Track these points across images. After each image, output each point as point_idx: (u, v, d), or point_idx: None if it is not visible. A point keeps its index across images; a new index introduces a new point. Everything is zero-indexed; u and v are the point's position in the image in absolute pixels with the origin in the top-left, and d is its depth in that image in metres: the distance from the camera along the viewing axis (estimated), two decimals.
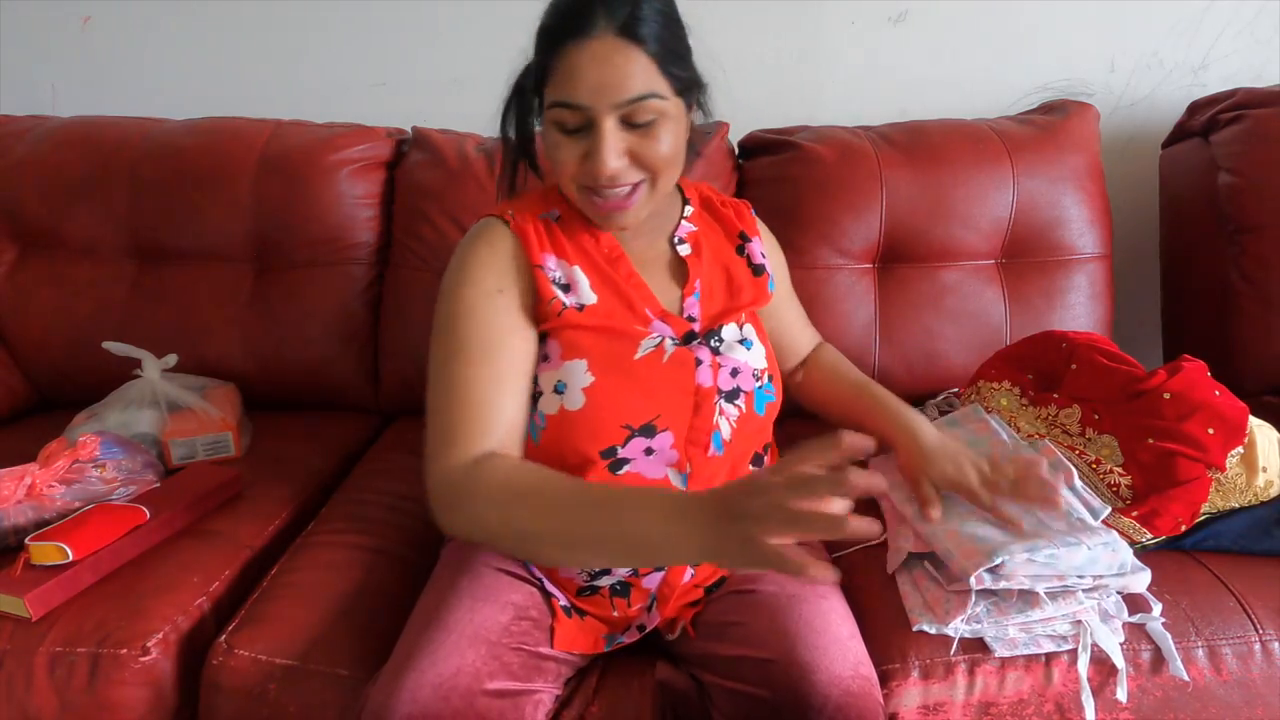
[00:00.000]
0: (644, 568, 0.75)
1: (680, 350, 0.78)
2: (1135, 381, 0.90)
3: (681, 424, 0.76)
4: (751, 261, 0.87)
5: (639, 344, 0.77)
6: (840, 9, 1.40)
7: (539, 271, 0.76)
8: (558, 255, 0.79)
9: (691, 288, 0.82)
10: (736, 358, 0.80)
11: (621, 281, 0.79)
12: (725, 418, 0.78)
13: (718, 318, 0.82)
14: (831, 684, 0.63)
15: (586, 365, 0.74)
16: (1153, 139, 1.38)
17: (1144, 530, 0.83)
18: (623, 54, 0.67)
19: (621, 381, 0.74)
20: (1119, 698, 0.73)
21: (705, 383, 0.77)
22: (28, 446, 0.97)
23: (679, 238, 0.84)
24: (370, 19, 1.42)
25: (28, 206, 1.23)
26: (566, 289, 0.78)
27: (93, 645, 0.77)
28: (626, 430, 0.74)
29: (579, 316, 0.76)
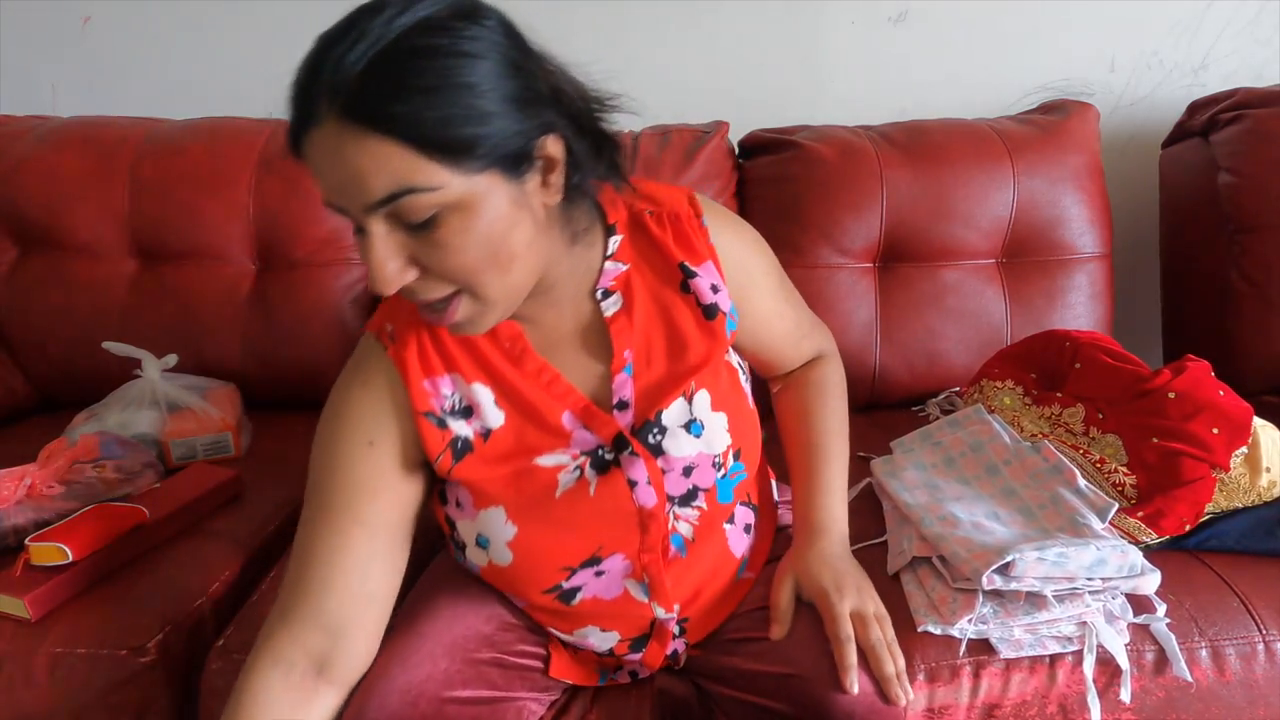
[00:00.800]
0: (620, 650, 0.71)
1: (605, 480, 0.65)
2: (1140, 381, 0.90)
3: (630, 544, 0.66)
4: (700, 301, 0.68)
5: (557, 479, 0.64)
6: (840, 9, 1.40)
7: (422, 420, 0.63)
8: (451, 371, 0.65)
9: (620, 360, 0.66)
10: (685, 453, 0.66)
11: (528, 385, 0.65)
12: (684, 520, 0.68)
13: (658, 394, 0.66)
14: (856, 699, 0.62)
15: (504, 514, 0.64)
16: (1153, 139, 1.38)
17: (1149, 530, 0.83)
18: (352, 144, 0.49)
19: (548, 527, 0.64)
20: (1122, 698, 0.73)
21: (648, 503, 0.65)
22: (28, 446, 0.96)
23: (602, 289, 0.66)
24: None
25: (28, 206, 1.23)
26: (468, 413, 0.65)
27: (92, 646, 0.76)
28: (566, 571, 0.66)
29: (480, 457, 0.64)
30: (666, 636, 0.72)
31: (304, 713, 0.61)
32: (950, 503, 0.85)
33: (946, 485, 0.89)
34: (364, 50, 0.49)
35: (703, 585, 0.72)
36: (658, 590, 0.69)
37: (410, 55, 0.49)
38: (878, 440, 1.05)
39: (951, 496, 0.87)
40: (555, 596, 0.67)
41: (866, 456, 1.01)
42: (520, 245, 0.56)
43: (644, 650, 0.72)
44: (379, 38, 0.49)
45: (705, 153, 1.24)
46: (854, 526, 0.84)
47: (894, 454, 0.99)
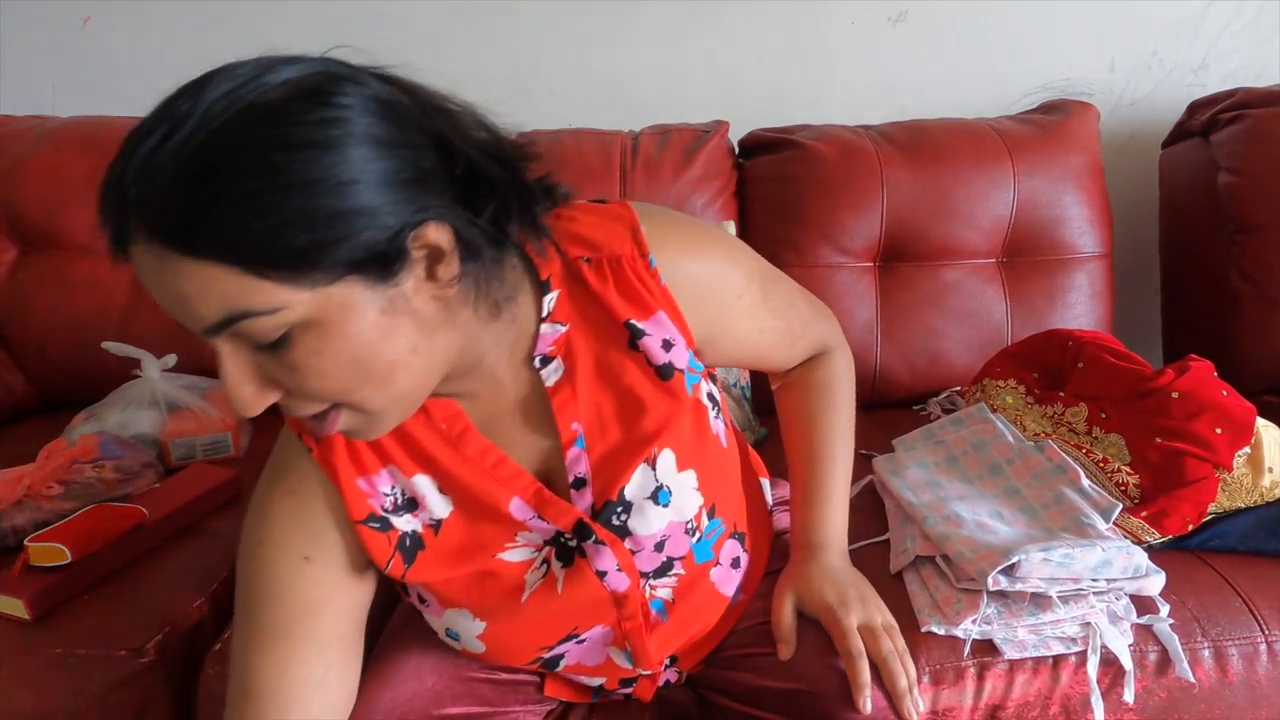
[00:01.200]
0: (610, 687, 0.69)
1: (573, 573, 0.59)
2: (1143, 380, 0.90)
3: (607, 619, 0.63)
4: (651, 362, 0.59)
5: (524, 580, 0.59)
6: (840, 9, 1.40)
7: (362, 529, 0.56)
8: (389, 464, 0.57)
9: (569, 434, 0.57)
10: (655, 529, 0.59)
11: (470, 472, 0.57)
12: (662, 588, 0.64)
13: (616, 465, 0.58)
14: (867, 716, 0.61)
15: (470, 614, 0.59)
16: (1153, 139, 1.39)
17: (1152, 530, 0.83)
18: (171, 269, 0.41)
19: (517, 624, 0.60)
20: (1125, 699, 0.73)
21: (620, 587, 0.60)
22: (27, 447, 0.96)
23: (540, 356, 0.57)
24: (370, 19, 1.42)
25: (28, 206, 1.22)
26: (412, 505, 0.58)
27: (91, 646, 0.76)
28: (544, 649, 0.63)
29: (435, 552, 0.58)
30: (658, 675, 0.70)
31: None
32: (954, 502, 0.85)
33: (949, 484, 0.89)
34: (173, 151, 0.40)
35: (692, 629, 0.69)
36: (640, 656, 0.66)
37: (230, 154, 0.40)
38: (879, 440, 1.05)
39: (955, 495, 0.86)
40: (539, 665, 0.65)
41: (869, 455, 1.01)
42: (401, 353, 0.47)
43: (634, 686, 0.71)
44: (192, 134, 0.40)
45: (705, 152, 1.23)
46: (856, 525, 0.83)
47: (896, 452, 0.99)
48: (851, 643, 0.63)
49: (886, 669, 0.62)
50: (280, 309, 0.42)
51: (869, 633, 0.64)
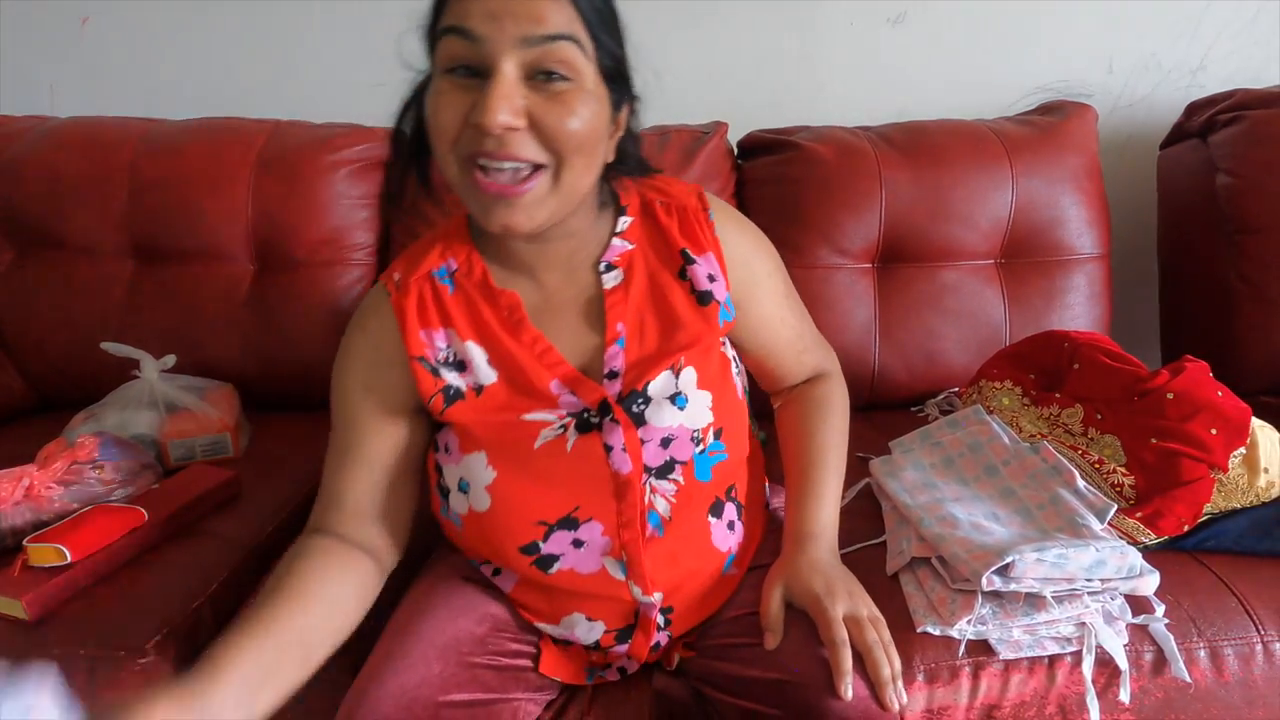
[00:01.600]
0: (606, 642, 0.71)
1: (583, 440, 0.67)
2: (1138, 381, 0.90)
3: (607, 511, 0.67)
4: (695, 288, 0.71)
5: (538, 432, 0.67)
6: (840, 9, 1.40)
7: (416, 365, 0.68)
8: (448, 327, 0.69)
9: (613, 333, 0.68)
10: (666, 424, 0.67)
11: (522, 351, 0.68)
12: (660, 495, 0.68)
13: (647, 366, 0.68)
14: (850, 705, 0.62)
15: (485, 459, 0.67)
16: (1151, 140, 1.39)
17: (1148, 531, 0.83)
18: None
19: (525, 476, 0.67)
20: (1121, 699, 0.73)
21: (623, 468, 0.66)
22: (26, 447, 0.96)
23: (606, 263, 0.70)
24: (370, 19, 1.42)
25: (27, 206, 1.22)
26: (461, 367, 0.69)
27: (91, 647, 0.76)
28: (543, 526, 0.67)
29: (471, 406, 0.68)
30: (651, 627, 0.71)
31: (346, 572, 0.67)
32: (949, 503, 0.85)
33: (945, 485, 0.89)
34: None
35: (686, 576, 0.71)
36: (635, 569, 0.68)
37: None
38: (876, 441, 1.05)
39: (950, 497, 0.87)
40: (533, 561, 0.68)
41: (865, 456, 1.01)
42: (598, 151, 0.63)
43: (630, 642, 0.72)
44: None
45: (704, 153, 1.24)
46: (853, 527, 0.84)
47: (893, 454, 1.00)
48: (836, 631, 0.64)
49: (870, 658, 0.63)
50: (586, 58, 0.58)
51: (854, 622, 0.66)
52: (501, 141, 0.57)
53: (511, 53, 0.55)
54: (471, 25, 0.55)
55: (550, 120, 0.57)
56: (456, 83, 0.58)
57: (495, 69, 0.56)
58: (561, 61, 0.57)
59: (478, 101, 0.56)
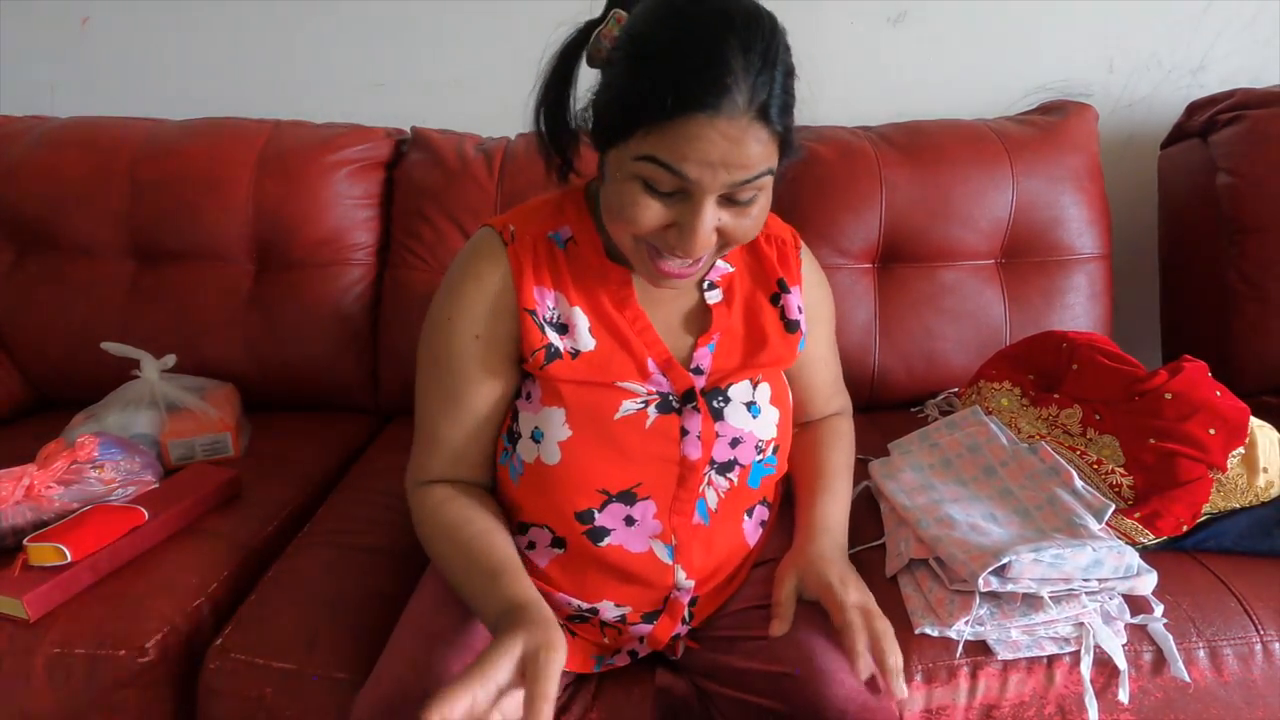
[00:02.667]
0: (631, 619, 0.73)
1: (663, 419, 0.71)
2: (1136, 382, 0.90)
3: (665, 493, 0.71)
4: (786, 315, 0.77)
5: (620, 404, 0.70)
6: (840, 9, 1.40)
7: (526, 316, 0.70)
8: (558, 290, 0.72)
9: (709, 338, 0.74)
10: (739, 426, 0.72)
11: (625, 326, 0.72)
12: (713, 488, 0.73)
13: (730, 373, 0.73)
14: (848, 697, 0.63)
15: (564, 416, 0.69)
16: (1151, 140, 1.39)
17: (1146, 531, 0.83)
18: (753, 137, 0.58)
19: (599, 442, 0.69)
20: (1120, 699, 0.73)
21: (692, 455, 0.71)
22: (26, 447, 0.96)
23: (709, 282, 0.76)
24: (370, 19, 1.42)
25: (27, 206, 1.23)
26: (563, 330, 0.71)
27: (91, 646, 0.76)
28: (603, 495, 0.70)
29: (567, 366, 0.70)
30: (679, 611, 0.73)
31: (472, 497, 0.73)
32: (947, 504, 0.85)
33: (944, 486, 0.89)
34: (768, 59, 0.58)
35: (718, 567, 0.75)
36: (683, 553, 0.72)
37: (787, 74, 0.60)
38: (876, 441, 1.05)
39: (949, 498, 0.87)
40: (585, 531, 0.70)
41: (864, 458, 1.01)
42: None
43: (654, 623, 0.73)
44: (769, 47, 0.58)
45: None
46: (852, 529, 0.84)
47: (891, 455, 1.00)
48: (851, 615, 0.66)
49: (879, 645, 0.65)
50: (775, 171, 0.62)
51: (865, 611, 0.68)
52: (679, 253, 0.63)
53: (716, 191, 0.60)
54: (686, 170, 0.58)
55: (735, 230, 0.63)
56: (653, 196, 0.61)
57: (699, 203, 0.60)
58: (755, 188, 0.61)
59: (680, 226, 0.61)
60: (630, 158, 0.60)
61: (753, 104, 0.57)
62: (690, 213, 0.60)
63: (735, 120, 0.57)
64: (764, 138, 0.59)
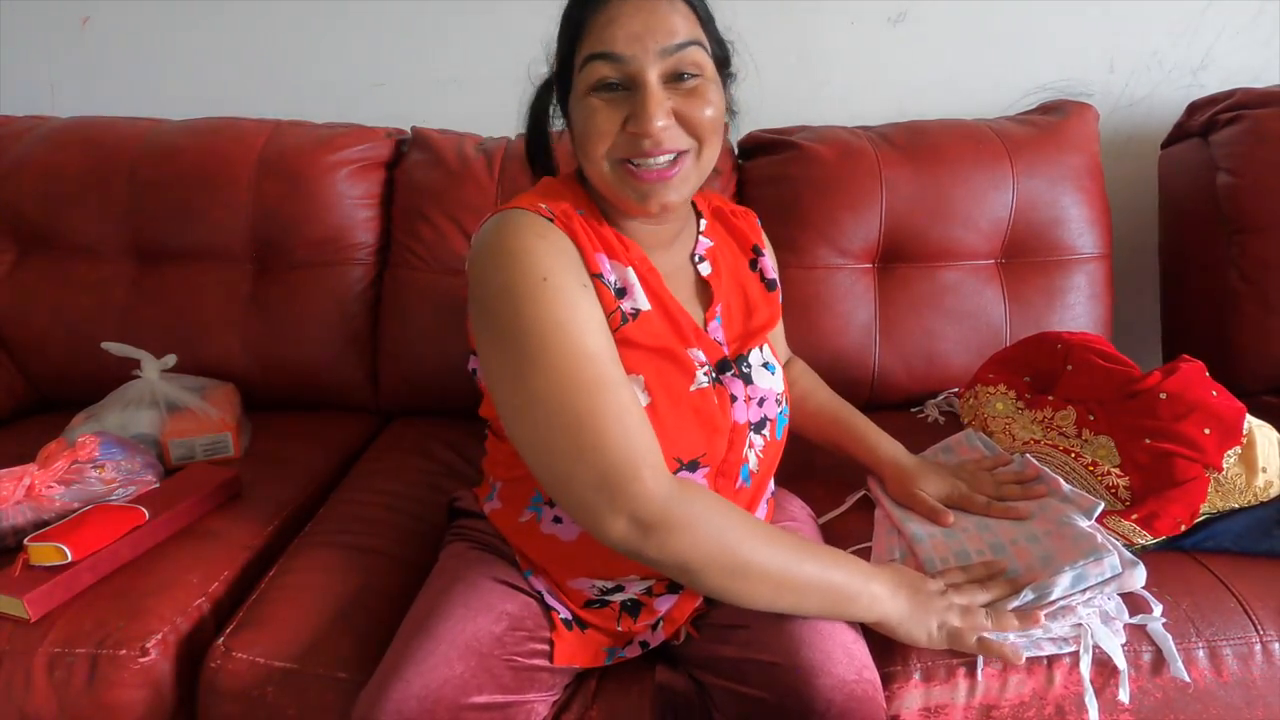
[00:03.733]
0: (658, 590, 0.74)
1: (717, 389, 0.74)
2: (1131, 382, 0.90)
3: (717, 458, 0.74)
4: (764, 277, 0.85)
5: (694, 376, 0.72)
6: (840, 9, 1.40)
7: (599, 283, 0.70)
8: (610, 256, 0.72)
9: (714, 311, 0.78)
10: (763, 385, 0.78)
11: (664, 294, 0.74)
12: (754, 450, 0.77)
13: (741, 341, 0.79)
14: (835, 688, 0.63)
15: (643, 383, 0.69)
16: (1152, 139, 1.39)
17: (1144, 532, 0.83)
18: (668, 6, 0.65)
19: (679, 412, 0.70)
20: (1120, 699, 0.73)
21: (741, 419, 0.75)
22: (27, 447, 0.97)
23: (698, 255, 0.80)
24: (370, 19, 1.42)
25: (27, 206, 1.23)
26: (622, 293, 0.71)
27: (92, 646, 0.76)
28: (676, 463, 0.71)
29: (635, 327, 0.70)
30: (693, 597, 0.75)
31: None
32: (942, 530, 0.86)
33: None
34: None
35: None
36: None
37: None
38: None
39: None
40: None
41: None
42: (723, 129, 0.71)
43: (677, 598, 0.75)
44: None
45: None
46: (849, 530, 0.84)
47: None
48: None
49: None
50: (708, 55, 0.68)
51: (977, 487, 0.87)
52: (657, 140, 0.65)
53: (653, 65, 0.64)
54: (618, 49, 0.64)
55: (693, 113, 0.66)
56: (605, 98, 0.66)
57: (643, 82, 0.65)
58: (693, 64, 0.66)
59: (634, 112, 0.65)
60: (579, 74, 0.66)
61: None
62: (639, 93, 0.65)
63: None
64: (682, 9, 0.66)
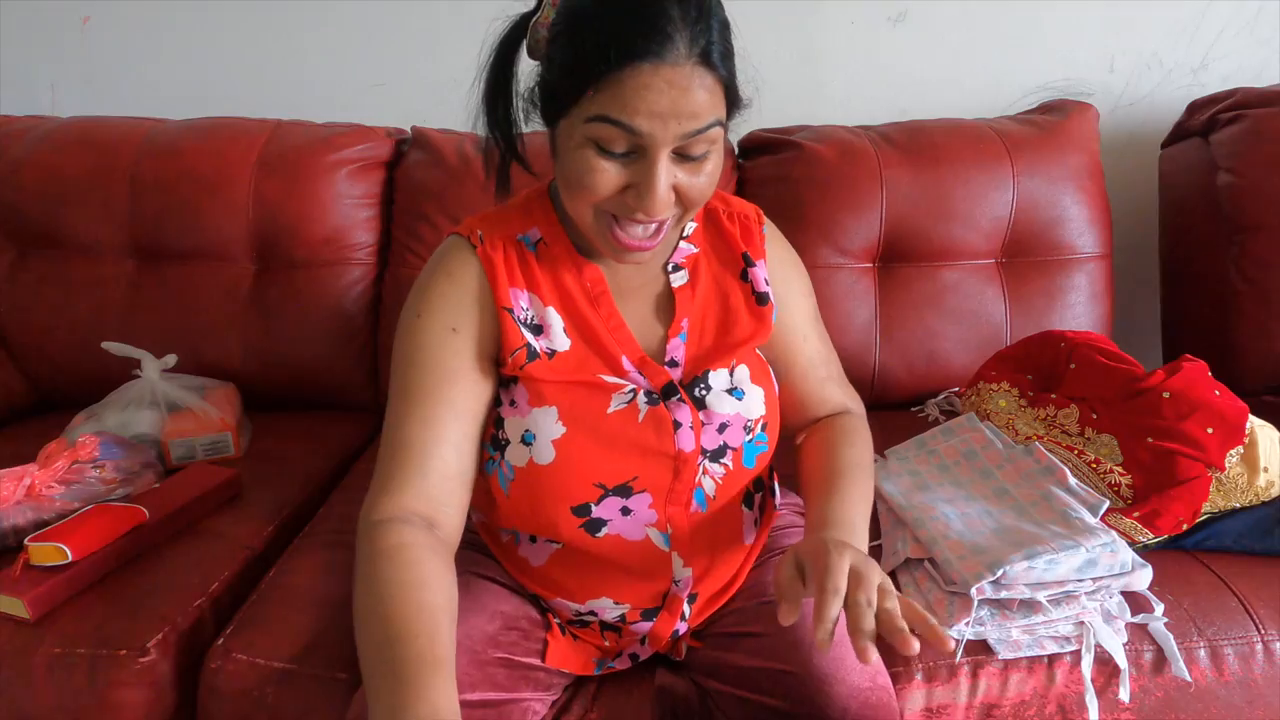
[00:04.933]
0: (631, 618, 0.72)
1: (655, 410, 0.69)
2: (1134, 381, 0.90)
3: (660, 486, 0.69)
4: (755, 289, 0.76)
5: (611, 397, 0.69)
6: (840, 9, 1.40)
7: (505, 314, 0.69)
8: (531, 291, 0.71)
9: (677, 327, 0.73)
10: (724, 411, 0.70)
11: (600, 324, 0.71)
12: (710, 476, 0.71)
13: (705, 360, 0.72)
14: (851, 695, 0.63)
15: (556, 414, 0.68)
16: (1152, 139, 1.39)
17: (1145, 530, 0.83)
18: (699, 84, 0.58)
19: (593, 437, 0.68)
20: (1121, 698, 0.73)
21: (686, 447, 0.69)
22: (27, 447, 0.97)
23: (674, 264, 0.75)
24: (370, 19, 1.42)
25: (27, 206, 1.23)
26: (538, 330, 0.70)
27: (92, 646, 0.76)
28: (600, 489, 0.68)
29: (546, 366, 0.69)
30: (677, 607, 0.73)
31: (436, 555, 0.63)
32: (942, 504, 0.85)
33: (940, 488, 0.90)
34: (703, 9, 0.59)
35: (715, 559, 0.74)
36: (679, 540, 0.71)
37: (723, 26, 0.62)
38: (875, 441, 1.04)
39: (944, 498, 0.87)
40: (582, 524, 0.68)
41: None
42: None
43: (655, 619, 0.73)
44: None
45: None
46: None
47: (888, 461, 1.00)
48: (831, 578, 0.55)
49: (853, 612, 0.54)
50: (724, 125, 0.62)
51: (856, 577, 0.56)
52: (643, 215, 0.62)
53: (669, 144, 0.59)
54: (637, 124, 0.58)
55: (692, 188, 0.63)
56: (609, 160, 0.60)
57: (654, 160, 0.59)
58: (707, 141, 0.61)
59: (636, 186, 0.61)
60: (581, 122, 0.59)
61: (694, 49, 0.57)
62: (645, 170, 0.60)
63: (679, 67, 0.57)
64: (709, 84, 0.59)
